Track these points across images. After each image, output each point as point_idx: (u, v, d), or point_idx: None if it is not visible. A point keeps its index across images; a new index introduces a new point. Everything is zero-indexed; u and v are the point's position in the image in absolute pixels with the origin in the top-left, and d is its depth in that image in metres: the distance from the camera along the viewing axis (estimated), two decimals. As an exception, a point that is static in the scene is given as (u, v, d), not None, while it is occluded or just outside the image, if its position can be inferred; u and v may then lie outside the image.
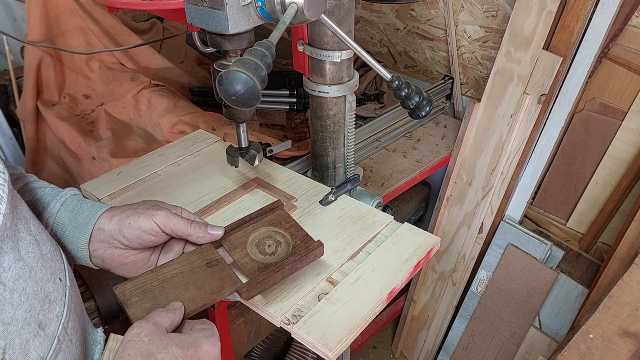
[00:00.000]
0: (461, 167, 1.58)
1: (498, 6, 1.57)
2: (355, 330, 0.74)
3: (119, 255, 0.71)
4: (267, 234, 0.83)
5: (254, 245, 0.80)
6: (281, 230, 0.83)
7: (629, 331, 0.95)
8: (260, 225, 0.84)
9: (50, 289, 0.52)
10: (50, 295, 0.52)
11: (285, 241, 0.82)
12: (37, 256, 0.52)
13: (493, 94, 1.46)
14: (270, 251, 0.80)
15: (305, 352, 1.76)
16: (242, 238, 0.81)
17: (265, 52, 0.66)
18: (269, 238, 0.82)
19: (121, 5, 0.98)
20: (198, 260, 0.74)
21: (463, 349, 1.79)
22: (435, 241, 0.90)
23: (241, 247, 0.79)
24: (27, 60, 1.71)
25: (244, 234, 0.81)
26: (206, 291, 0.70)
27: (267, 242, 0.81)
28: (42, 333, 0.49)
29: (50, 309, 0.51)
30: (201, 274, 0.72)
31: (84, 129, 1.63)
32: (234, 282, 0.72)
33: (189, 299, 0.68)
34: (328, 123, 1.01)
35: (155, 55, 1.80)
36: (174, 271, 0.72)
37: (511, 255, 1.57)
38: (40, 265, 0.52)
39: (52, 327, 0.51)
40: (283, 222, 0.85)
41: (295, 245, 0.81)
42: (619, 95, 1.42)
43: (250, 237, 0.81)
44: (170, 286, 0.69)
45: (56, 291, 0.53)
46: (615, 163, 1.47)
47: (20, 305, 0.47)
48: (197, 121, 1.42)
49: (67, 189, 0.74)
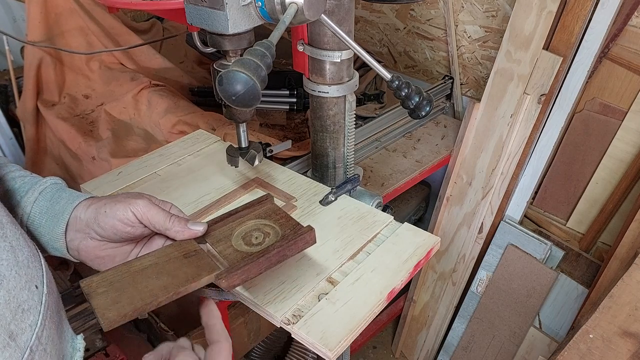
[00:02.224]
0: (461, 167, 1.58)
1: (498, 6, 1.57)
2: (355, 330, 0.74)
3: (94, 247, 0.67)
4: (255, 226, 0.76)
5: (240, 238, 0.73)
6: (270, 223, 0.76)
7: (629, 331, 0.95)
8: (248, 219, 0.77)
9: (24, 298, 0.50)
10: (23, 305, 0.49)
11: (275, 232, 0.75)
12: (11, 264, 0.49)
13: (493, 94, 1.46)
14: (257, 242, 0.73)
15: (305, 352, 1.76)
16: (226, 232, 0.74)
17: (265, 52, 0.66)
18: (256, 230, 0.75)
19: (121, 5, 0.98)
20: (175, 252, 0.68)
21: (463, 349, 1.79)
22: (435, 241, 0.90)
23: (225, 241, 0.73)
24: (27, 60, 1.71)
25: (229, 228, 0.75)
26: (180, 279, 0.64)
27: (255, 234, 0.74)
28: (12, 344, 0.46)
29: (23, 319, 0.49)
30: (177, 264, 0.66)
31: (84, 129, 1.63)
32: (212, 269, 0.66)
33: (160, 287, 0.62)
34: (328, 123, 1.01)
35: (155, 55, 1.80)
36: (148, 263, 0.65)
37: (511, 255, 1.57)
38: (15, 273, 0.49)
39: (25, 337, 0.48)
40: (272, 214, 0.78)
41: (285, 234, 0.74)
42: (619, 95, 1.42)
43: (237, 231, 0.75)
44: (141, 277, 0.63)
45: (31, 299, 0.51)
46: (615, 163, 1.47)
47: None
48: (197, 121, 1.42)
49: (47, 177, 0.71)
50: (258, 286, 0.81)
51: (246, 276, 0.67)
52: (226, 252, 0.71)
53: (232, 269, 0.66)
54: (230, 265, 0.67)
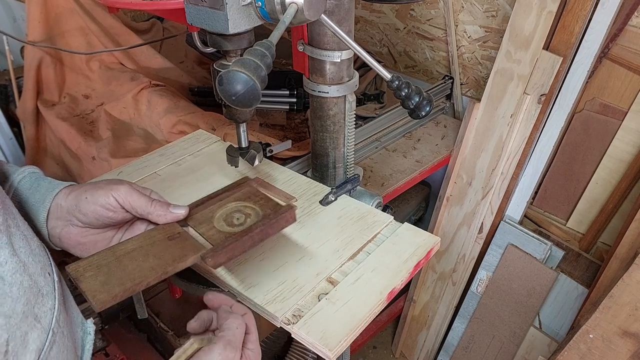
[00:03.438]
0: (461, 167, 1.58)
1: (498, 6, 1.57)
2: (355, 330, 0.74)
3: (76, 233, 0.68)
4: (236, 208, 0.77)
5: (222, 220, 0.75)
6: (250, 204, 0.78)
7: (629, 331, 0.95)
8: (228, 201, 0.79)
9: (42, 284, 0.52)
10: (42, 290, 0.52)
11: (255, 213, 0.77)
12: (27, 251, 0.52)
13: (493, 94, 1.46)
14: (239, 223, 0.75)
15: (305, 352, 1.76)
16: (208, 214, 0.76)
17: (265, 52, 0.66)
18: (237, 212, 0.77)
19: (121, 5, 0.98)
20: (159, 235, 0.69)
21: (463, 349, 1.79)
22: (435, 241, 0.90)
23: (207, 223, 0.74)
24: (27, 60, 1.71)
25: (210, 210, 0.77)
26: (167, 260, 0.66)
27: (236, 216, 0.76)
28: (38, 326, 0.50)
29: (44, 303, 0.52)
30: (162, 246, 0.67)
31: (84, 129, 1.63)
32: (197, 249, 0.68)
33: (148, 268, 0.64)
34: (328, 123, 1.01)
35: (155, 55, 1.80)
36: (133, 246, 0.67)
37: (511, 255, 1.57)
38: (32, 260, 0.52)
39: (47, 320, 0.51)
40: (252, 196, 0.80)
41: (266, 214, 0.76)
42: (619, 95, 1.42)
43: (218, 213, 0.76)
44: (127, 259, 0.65)
45: (47, 285, 0.54)
46: (615, 163, 1.47)
47: (19, 298, 0.48)
48: (197, 121, 1.42)
49: (26, 167, 0.71)
50: (258, 286, 0.81)
51: (232, 254, 0.69)
52: (209, 233, 0.72)
53: (217, 248, 0.68)
54: (215, 245, 0.69)
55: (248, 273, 0.83)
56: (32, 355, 0.48)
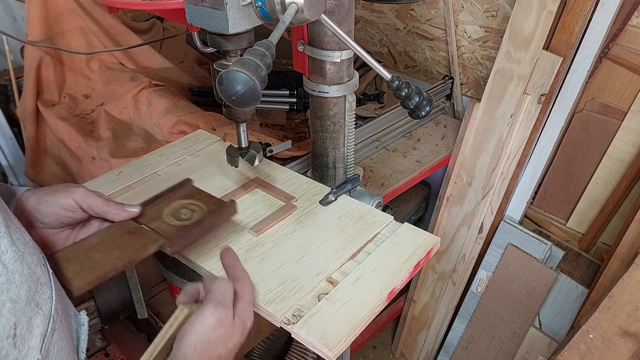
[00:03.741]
0: (461, 167, 1.58)
1: (498, 6, 1.57)
2: (355, 330, 0.74)
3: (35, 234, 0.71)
4: (182, 205, 0.85)
5: (170, 216, 0.83)
6: (194, 201, 0.86)
7: (629, 331, 0.95)
8: (173, 200, 0.86)
9: (39, 273, 0.55)
10: (40, 279, 0.55)
11: (200, 208, 0.85)
12: (23, 242, 0.55)
13: (493, 94, 1.46)
14: (186, 217, 0.83)
15: (305, 352, 1.76)
16: (157, 212, 0.83)
17: (265, 52, 0.66)
18: (183, 208, 0.85)
19: (121, 5, 0.98)
20: (117, 231, 0.76)
21: (463, 349, 1.79)
22: (435, 241, 0.90)
23: (158, 219, 0.82)
24: (27, 60, 1.71)
25: (158, 208, 0.84)
26: (131, 250, 0.73)
27: (183, 212, 0.84)
28: (40, 312, 0.52)
29: (43, 291, 0.54)
30: (123, 240, 0.74)
31: (84, 129, 1.63)
32: (156, 240, 0.76)
33: (115, 257, 0.71)
34: (328, 123, 1.01)
35: (155, 55, 1.80)
36: (96, 241, 0.73)
37: (511, 255, 1.57)
38: (28, 251, 0.55)
39: (47, 307, 0.54)
40: (195, 194, 0.88)
41: (211, 208, 0.85)
42: (619, 95, 1.42)
43: (165, 210, 0.84)
44: (94, 252, 0.71)
45: (44, 275, 0.56)
46: (615, 163, 1.47)
47: (22, 285, 0.51)
48: (197, 121, 1.42)
49: None
50: (258, 286, 0.81)
51: (186, 243, 0.80)
52: (162, 227, 0.80)
53: (173, 237, 0.77)
54: (170, 235, 0.77)
55: (248, 273, 0.83)
56: (37, 340, 0.51)
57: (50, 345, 0.53)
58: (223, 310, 0.64)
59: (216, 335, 0.64)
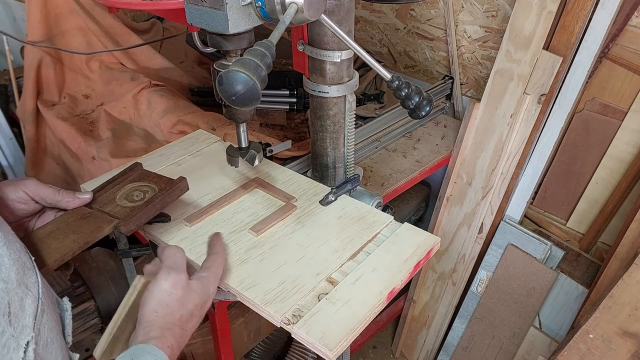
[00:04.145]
0: (461, 167, 1.58)
1: (498, 6, 1.57)
2: (355, 330, 0.74)
3: None
4: (133, 188, 0.89)
5: (123, 199, 0.86)
6: (145, 183, 0.90)
7: (629, 331, 0.95)
8: (125, 184, 0.90)
9: (24, 259, 0.58)
10: (26, 264, 0.57)
11: (152, 189, 0.89)
12: (7, 230, 0.57)
13: (493, 94, 1.46)
14: (139, 198, 0.86)
15: (305, 352, 1.76)
16: (109, 197, 0.87)
17: (265, 52, 0.66)
18: (135, 191, 0.88)
19: (121, 5, 0.98)
20: (71, 217, 0.79)
21: (463, 349, 1.79)
22: (435, 241, 0.90)
23: (111, 202, 0.85)
24: (27, 60, 1.71)
25: (110, 193, 0.88)
26: (86, 233, 0.76)
27: (135, 194, 0.88)
28: (30, 294, 0.55)
29: (30, 275, 0.57)
30: (77, 224, 0.78)
31: (84, 129, 1.63)
32: (110, 221, 0.80)
33: (71, 241, 0.74)
34: (328, 123, 1.01)
35: (155, 55, 1.80)
36: (51, 229, 0.76)
37: (511, 255, 1.57)
38: (12, 238, 0.57)
39: (35, 290, 0.56)
40: (145, 177, 0.92)
41: (162, 187, 0.88)
42: (619, 95, 1.42)
43: (118, 194, 0.87)
44: (49, 239, 0.74)
45: (28, 261, 0.59)
46: (615, 163, 1.47)
47: (11, 267, 0.53)
48: (197, 121, 1.42)
49: None
50: (258, 286, 0.81)
51: (140, 221, 0.83)
52: (115, 210, 0.84)
53: (127, 217, 0.81)
54: (124, 216, 0.81)
55: (248, 273, 0.83)
56: (30, 319, 0.53)
57: (41, 325, 0.55)
58: (176, 273, 0.69)
59: (174, 298, 0.67)
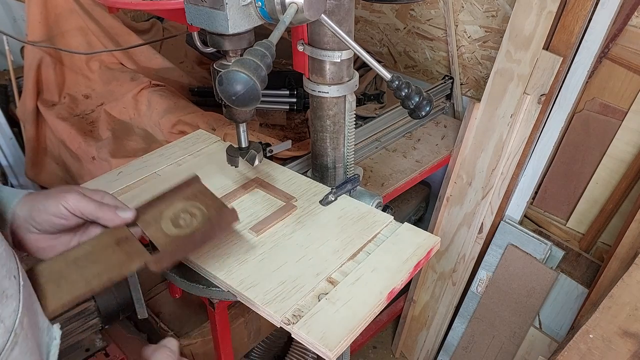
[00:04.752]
0: (461, 167, 1.58)
1: (498, 6, 1.57)
2: (355, 330, 0.74)
3: (35, 239, 0.71)
4: (183, 208, 0.80)
5: (169, 221, 0.78)
6: (197, 203, 0.81)
7: (629, 331, 0.95)
8: (176, 201, 0.81)
9: (6, 285, 0.54)
10: (7, 291, 0.54)
11: (201, 213, 0.80)
12: None
13: (493, 94, 1.46)
14: (185, 224, 0.78)
15: (305, 352, 1.76)
16: (156, 215, 0.79)
17: (265, 52, 0.66)
18: (184, 212, 0.80)
19: (121, 5, 0.98)
20: (108, 239, 0.73)
21: (463, 349, 1.79)
22: (435, 241, 0.90)
23: (155, 224, 0.77)
24: (27, 60, 1.71)
25: (158, 210, 0.79)
26: (113, 266, 0.70)
27: (182, 216, 0.79)
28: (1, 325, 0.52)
29: (7, 304, 0.54)
30: (109, 251, 0.72)
31: (84, 129, 1.63)
32: (141, 255, 0.71)
33: (93, 275, 0.68)
34: (328, 123, 1.01)
35: (155, 55, 1.80)
36: (83, 252, 0.71)
37: (511, 255, 1.57)
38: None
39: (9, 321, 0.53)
40: (199, 195, 0.83)
41: (211, 216, 0.79)
42: (619, 95, 1.42)
43: (165, 213, 0.79)
44: (75, 267, 0.69)
45: (12, 288, 0.55)
46: (615, 163, 1.47)
47: None
48: (197, 121, 1.42)
49: None
50: (258, 286, 0.81)
51: (174, 259, 0.75)
52: (156, 235, 0.76)
53: (160, 254, 0.72)
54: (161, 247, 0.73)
55: (248, 273, 0.83)
56: None
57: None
58: None
59: None
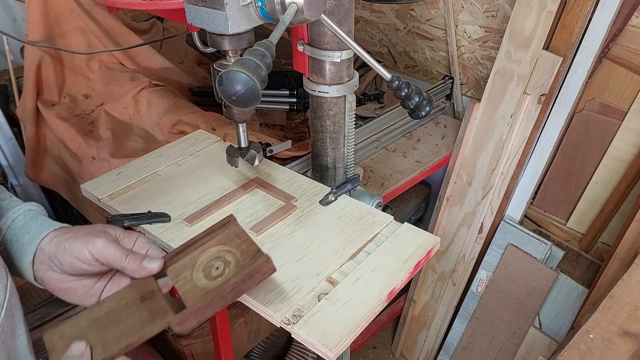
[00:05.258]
0: (461, 167, 1.58)
1: (498, 6, 1.57)
2: (355, 330, 0.74)
3: (57, 279, 0.68)
4: (217, 254, 0.74)
5: (200, 270, 0.71)
6: (232, 249, 0.74)
7: (629, 331, 0.95)
8: (210, 246, 0.75)
9: None
10: None
11: (235, 260, 0.73)
12: None
13: (493, 94, 1.46)
14: (217, 274, 0.71)
15: (305, 352, 1.76)
16: (188, 263, 0.72)
17: (265, 52, 0.66)
18: (217, 259, 0.73)
19: (121, 5, 0.98)
20: (133, 294, 0.68)
21: (463, 349, 1.79)
22: (435, 241, 0.90)
23: (186, 274, 0.71)
24: (27, 60, 1.71)
25: (190, 258, 0.73)
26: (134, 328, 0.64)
27: (215, 264, 0.72)
28: None
29: None
30: (133, 310, 0.66)
31: (84, 129, 1.63)
32: (165, 315, 0.65)
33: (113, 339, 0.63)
34: (328, 123, 1.01)
35: (155, 55, 1.80)
36: (106, 309, 0.66)
37: (511, 255, 1.57)
38: None
39: None
40: (235, 238, 0.76)
41: (244, 264, 0.72)
42: (619, 95, 1.42)
43: (198, 261, 0.73)
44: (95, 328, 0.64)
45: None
46: (615, 163, 1.47)
47: None
48: (197, 121, 1.42)
49: (25, 203, 0.72)
50: (258, 286, 0.81)
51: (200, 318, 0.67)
52: (185, 288, 0.69)
53: (186, 314, 0.65)
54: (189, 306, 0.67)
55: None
56: None
57: None
58: None
59: None
